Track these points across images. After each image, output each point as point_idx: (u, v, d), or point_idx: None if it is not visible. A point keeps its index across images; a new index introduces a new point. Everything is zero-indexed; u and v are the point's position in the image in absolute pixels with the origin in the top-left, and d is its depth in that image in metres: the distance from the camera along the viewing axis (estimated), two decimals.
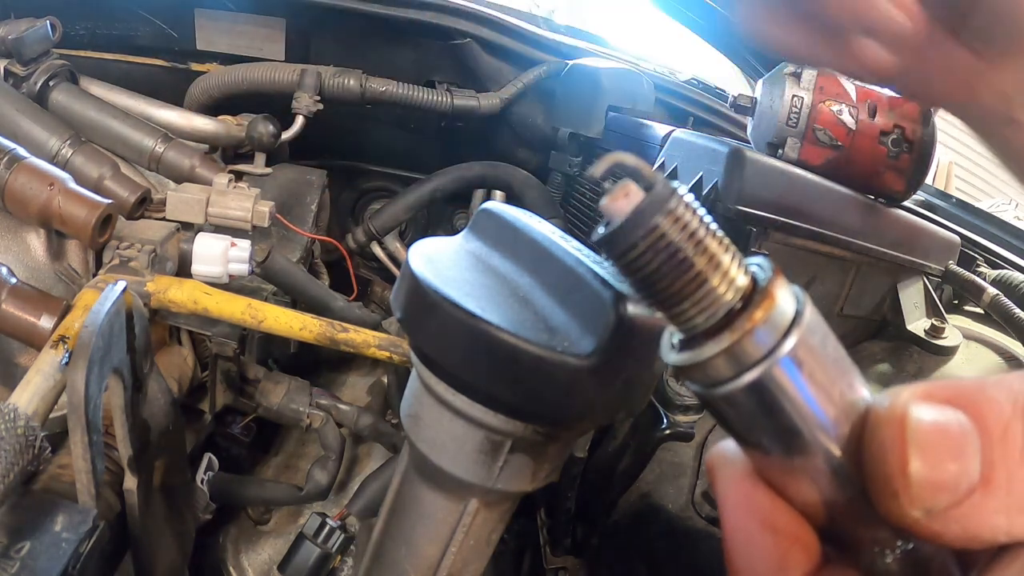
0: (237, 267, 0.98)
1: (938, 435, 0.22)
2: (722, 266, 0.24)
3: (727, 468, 0.27)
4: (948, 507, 0.22)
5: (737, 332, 0.24)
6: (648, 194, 0.24)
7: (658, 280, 0.24)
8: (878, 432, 0.23)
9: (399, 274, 0.44)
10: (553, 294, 0.42)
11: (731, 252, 0.25)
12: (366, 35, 1.44)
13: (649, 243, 0.24)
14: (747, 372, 0.24)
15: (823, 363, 0.24)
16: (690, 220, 0.24)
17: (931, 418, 0.22)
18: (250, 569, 1.15)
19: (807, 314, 0.24)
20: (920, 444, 0.22)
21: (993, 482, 0.22)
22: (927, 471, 0.22)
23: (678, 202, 0.24)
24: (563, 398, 0.39)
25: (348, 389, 1.34)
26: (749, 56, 1.73)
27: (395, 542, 0.54)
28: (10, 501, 0.53)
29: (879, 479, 0.23)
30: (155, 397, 0.72)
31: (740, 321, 0.24)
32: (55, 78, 1.13)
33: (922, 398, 0.23)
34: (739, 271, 0.25)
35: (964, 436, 0.22)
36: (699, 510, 0.85)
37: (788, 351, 0.24)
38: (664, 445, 0.87)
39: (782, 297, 0.24)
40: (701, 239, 0.24)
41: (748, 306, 0.24)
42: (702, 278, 0.24)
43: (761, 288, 0.24)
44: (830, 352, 0.25)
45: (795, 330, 0.24)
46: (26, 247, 0.92)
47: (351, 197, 1.71)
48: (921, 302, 0.98)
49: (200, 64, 1.41)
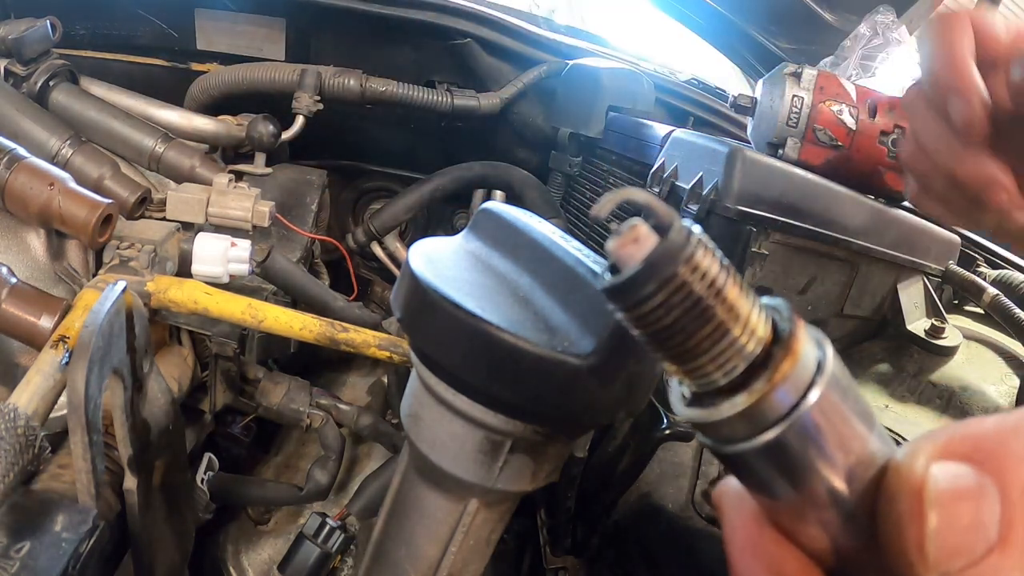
0: (237, 267, 0.98)
1: (956, 500, 0.22)
2: (743, 315, 0.22)
3: (735, 509, 0.27)
4: (963, 569, 0.22)
5: (756, 394, 0.22)
6: (663, 239, 0.21)
7: (674, 335, 0.22)
8: (896, 499, 0.22)
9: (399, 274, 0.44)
10: (553, 294, 0.42)
11: (751, 298, 0.23)
12: (366, 35, 1.44)
13: (666, 295, 0.21)
14: (763, 433, 0.22)
15: (843, 414, 0.23)
16: (709, 266, 0.22)
17: (949, 483, 0.22)
18: (250, 569, 1.15)
19: (829, 365, 0.22)
20: (937, 513, 0.21)
21: (1011, 542, 0.21)
22: (945, 539, 0.21)
23: (696, 246, 0.21)
24: (563, 398, 0.39)
25: (348, 389, 1.34)
26: (749, 56, 1.73)
27: (395, 542, 0.54)
28: (10, 501, 0.53)
29: (895, 546, 0.22)
30: (155, 397, 0.72)
31: (760, 381, 0.22)
32: (55, 78, 1.13)
33: (941, 455, 0.22)
34: (760, 318, 0.23)
35: (983, 498, 0.22)
36: (699, 510, 0.85)
37: (807, 409, 0.22)
38: (664, 445, 0.87)
39: (804, 348, 0.22)
40: (721, 287, 0.22)
41: (768, 361, 0.22)
42: (722, 330, 0.22)
43: (783, 340, 0.22)
44: (850, 403, 0.23)
45: (817, 386, 0.22)
46: (26, 247, 0.92)
47: (351, 197, 1.71)
48: (921, 302, 0.98)
49: (200, 64, 1.41)
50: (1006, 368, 0.93)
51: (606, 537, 0.96)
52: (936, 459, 0.22)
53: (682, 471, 0.89)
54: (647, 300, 0.22)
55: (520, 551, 1.19)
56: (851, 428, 0.23)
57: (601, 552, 0.98)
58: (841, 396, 0.23)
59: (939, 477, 0.22)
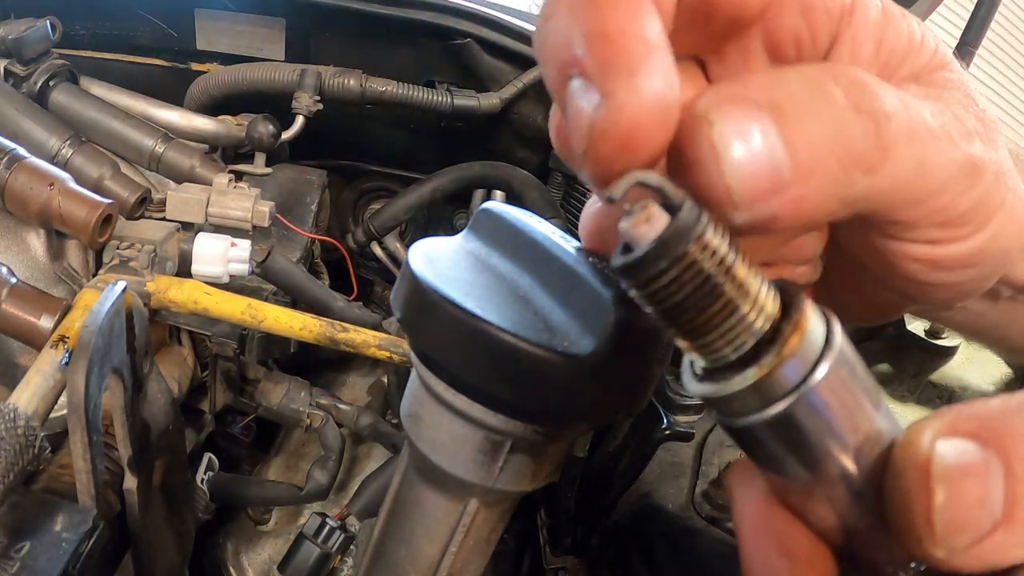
0: (237, 267, 0.98)
1: (963, 475, 0.22)
2: (751, 293, 0.23)
3: (744, 488, 0.27)
4: (969, 545, 0.22)
5: (766, 367, 0.23)
6: (674, 218, 0.22)
7: (685, 311, 0.23)
8: (903, 474, 0.23)
9: (399, 274, 0.44)
10: (553, 294, 0.41)
11: (759, 276, 0.23)
12: (366, 35, 1.44)
13: (677, 273, 0.22)
14: (773, 405, 0.23)
15: (851, 391, 0.23)
16: (719, 245, 0.22)
17: (955, 459, 0.22)
18: (250, 569, 1.15)
19: (836, 342, 0.23)
20: (944, 488, 0.22)
21: (1015, 518, 0.22)
22: (952, 514, 0.22)
23: (706, 225, 0.22)
24: (563, 398, 0.39)
25: (348, 389, 1.34)
26: None
27: (395, 542, 0.54)
28: (10, 501, 0.53)
29: (902, 522, 0.23)
30: (155, 397, 0.72)
31: (769, 355, 0.23)
32: (55, 78, 1.13)
33: (947, 433, 0.23)
34: (768, 296, 0.23)
35: (989, 474, 0.22)
36: (699, 510, 0.85)
37: (816, 383, 0.23)
38: (664, 445, 0.87)
39: (812, 324, 0.23)
40: (730, 265, 0.23)
41: (777, 336, 0.23)
42: (732, 307, 0.23)
43: (790, 315, 0.23)
44: (858, 379, 0.24)
45: (825, 360, 0.23)
46: (26, 247, 0.92)
47: (351, 197, 1.71)
48: None
49: (200, 64, 1.41)
50: (1006, 368, 0.93)
51: (606, 537, 0.96)
52: (942, 436, 0.22)
53: (682, 471, 0.89)
54: (659, 277, 0.22)
55: (520, 551, 1.19)
56: (858, 404, 0.24)
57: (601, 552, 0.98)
58: (848, 372, 0.23)
59: (945, 453, 0.22)
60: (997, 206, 0.29)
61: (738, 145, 0.23)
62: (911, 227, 0.28)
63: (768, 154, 0.23)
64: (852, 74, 0.25)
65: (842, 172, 0.24)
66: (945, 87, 0.29)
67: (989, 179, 0.28)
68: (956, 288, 0.31)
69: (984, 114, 0.30)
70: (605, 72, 0.23)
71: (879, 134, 0.24)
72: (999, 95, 7.28)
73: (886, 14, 0.30)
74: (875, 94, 0.25)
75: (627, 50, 0.23)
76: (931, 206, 0.27)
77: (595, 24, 0.23)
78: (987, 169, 0.28)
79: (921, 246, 0.29)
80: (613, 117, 0.23)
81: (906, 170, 0.25)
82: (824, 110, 0.24)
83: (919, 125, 0.26)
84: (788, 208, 0.24)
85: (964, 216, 0.28)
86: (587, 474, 0.94)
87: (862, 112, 0.24)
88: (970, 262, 0.30)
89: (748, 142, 0.23)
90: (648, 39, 0.23)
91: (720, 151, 0.23)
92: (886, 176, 0.25)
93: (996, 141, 0.29)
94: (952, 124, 0.27)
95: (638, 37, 0.23)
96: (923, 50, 0.30)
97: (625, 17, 0.23)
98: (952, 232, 0.29)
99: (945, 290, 0.31)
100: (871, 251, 0.31)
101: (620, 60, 0.23)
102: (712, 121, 0.23)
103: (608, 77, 0.23)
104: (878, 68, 0.30)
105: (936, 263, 0.30)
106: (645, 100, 0.23)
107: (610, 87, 0.23)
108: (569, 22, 0.24)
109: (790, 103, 0.24)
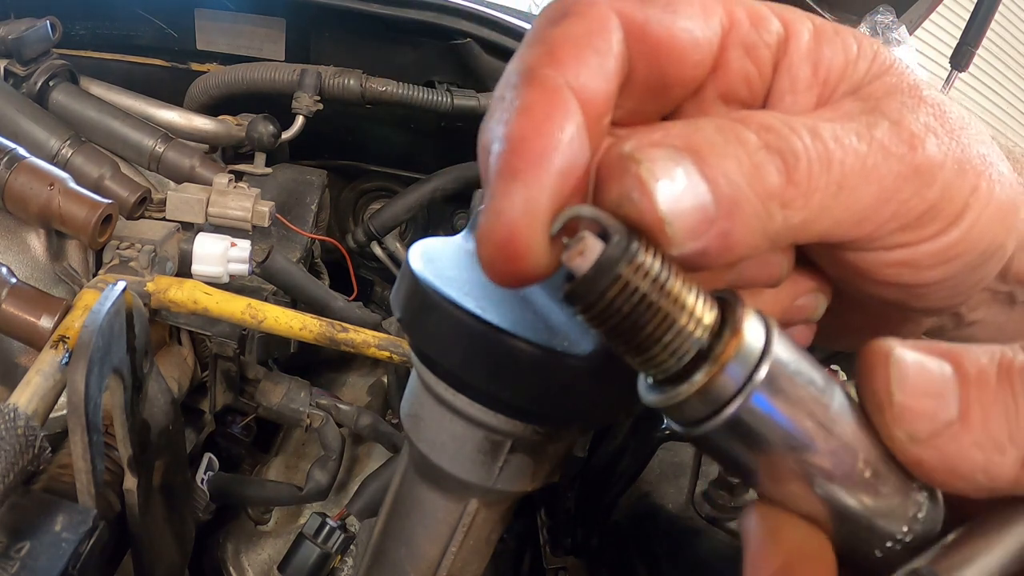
0: (237, 267, 0.98)
1: (918, 369, 0.25)
2: (688, 306, 0.25)
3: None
4: (929, 436, 0.24)
5: (707, 373, 0.24)
6: (607, 246, 0.24)
7: (627, 329, 0.25)
8: (868, 367, 0.25)
9: (399, 274, 0.44)
10: (553, 294, 0.42)
11: (695, 290, 0.25)
12: (366, 35, 1.44)
13: (613, 295, 0.24)
14: (722, 410, 0.24)
15: (798, 386, 0.25)
16: (651, 266, 0.24)
17: (913, 358, 0.25)
18: (250, 569, 1.15)
19: (775, 342, 0.25)
20: (901, 374, 0.25)
21: (970, 419, 0.24)
22: (906, 398, 0.24)
23: (638, 249, 0.24)
24: (563, 398, 0.39)
25: (348, 389, 1.34)
26: None
27: (395, 542, 0.54)
28: (10, 501, 0.53)
29: (872, 409, 0.25)
30: (155, 397, 0.72)
31: (709, 361, 0.24)
32: (55, 78, 1.13)
33: (907, 346, 0.25)
34: (705, 308, 0.25)
35: (943, 376, 0.25)
36: (699, 510, 0.85)
37: (759, 384, 0.24)
38: (664, 445, 0.87)
39: (750, 329, 0.25)
40: (664, 282, 0.24)
41: (716, 344, 0.25)
42: (670, 321, 0.24)
43: (728, 323, 0.25)
44: (804, 375, 0.25)
45: (765, 360, 0.24)
46: (26, 247, 0.92)
47: (351, 197, 1.71)
48: None
49: (200, 64, 1.41)
50: None
51: (606, 537, 0.96)
52: (900, 346, 0.25)
53: (682, 471, 0.89)
54: (598, 301, 0.24)
55: (520, 551, 1.19)
56: (809, 396, 0.25)
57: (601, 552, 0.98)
58: (794, 370, 0.25)
59: (904, 353, 0.25)
60: (966, 197, 0.29)
61: (665, 183, 0.25)
62: (870, 240, 0.29)
63: (692, 191, 0.25)
64: (761, 118, 0.27)
65: (762, 207, 0.26)
66: (887, 94, 0.30)
67: (947, 174, 0.29)
68: (949, 283, 0.32)
69: (940, 108, 0.30)
70: (495, 177, 0.25)
71: (789, 170, 0.26)
72: (999, 95, 7.29)
73: (818, 35, 0.31)
74: (782, 134, 0.27)
75: (522, 155, 0.25)
76: (878, 219, 0.29)
77: (507, 128, 0.25)
78: (941, 166, 0.29)
79: (893, 252, 0.30)
80: (490, 222, 0.25)
81: (827, 196, 0.27)
82: (739, 151, 0.26)
83: (836, 152, 0.27)
84: (716, 243, 0.25)
85: (926, 216, 0.29)
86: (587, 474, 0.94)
87: (772, 150, 0.26)
88: (949, 255, 0.30)
89: (674, 181, 0.25)
90: (547, 147, 0.25)
91: (650, 185, 0.25)
92: (805, 207, 0.27)
93: (960, 130, 0.30)
94: (888, 135, 0.28)
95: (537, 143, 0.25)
96: (860, 62, 0.31)
97: (532, 124, 0.25)
98: (918, 233, 0.29)
99: (938, 288, 0.32)
100: (850, 269, 0.32)
101: (510, 165, 0.25)
102: (639, 160, 0.25)
103: (495, 181, 0.25)
104: (818, 88, 0.31)
105: (913, 263, 0.30)
106: (517, 206, 0.24)
107: (491, 191, 0.25)
108: (495, 124, 0.26)
109: (707, 145, 0.25)
